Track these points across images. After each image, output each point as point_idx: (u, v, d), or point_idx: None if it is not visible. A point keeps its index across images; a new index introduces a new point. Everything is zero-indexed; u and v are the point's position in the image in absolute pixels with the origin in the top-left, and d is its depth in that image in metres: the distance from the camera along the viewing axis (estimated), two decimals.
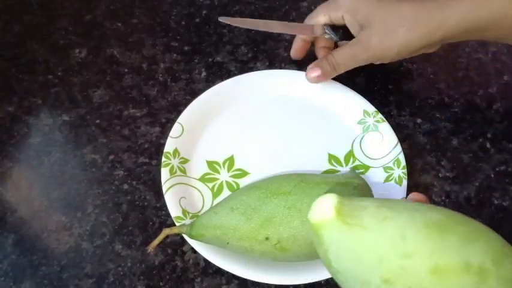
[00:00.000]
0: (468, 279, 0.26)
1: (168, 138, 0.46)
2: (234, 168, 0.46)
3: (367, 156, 0.48)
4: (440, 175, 0.48)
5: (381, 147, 0.48)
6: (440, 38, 0.43)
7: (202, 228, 0.39)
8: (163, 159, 0.45)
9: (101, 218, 0.45)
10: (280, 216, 0.37)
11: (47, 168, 0.48)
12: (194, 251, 0.43)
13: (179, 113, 0.51)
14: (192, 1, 0.61)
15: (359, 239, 0.26)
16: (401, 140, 0.49)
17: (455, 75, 0.55)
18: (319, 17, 0.49)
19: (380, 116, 0.49)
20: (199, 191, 0.45)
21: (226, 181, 0.46)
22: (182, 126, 0.47)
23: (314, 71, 0.48)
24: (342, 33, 0.49)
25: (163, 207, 0.45)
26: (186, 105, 0.52)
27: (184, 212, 0.42)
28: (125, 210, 0.45)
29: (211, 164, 0.47)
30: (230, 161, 0.47)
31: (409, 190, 0.45)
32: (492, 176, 0.48)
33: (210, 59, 0.55)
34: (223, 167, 0.46)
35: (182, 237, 0.44)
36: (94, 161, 0.48)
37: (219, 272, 0.42)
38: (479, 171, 0.49)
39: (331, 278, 0.40)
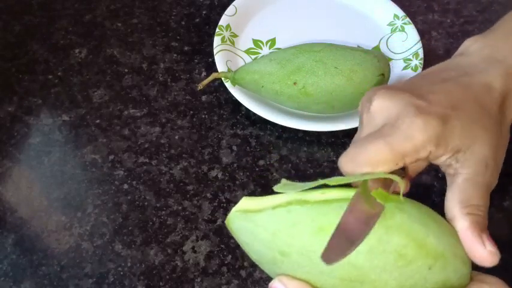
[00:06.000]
0: None
1: (223, 15, 0.56)
2: (275, 47, 0.57)
3: (390, 51, 0.56)
4: (440, 175, 0.48)
5: (403, 44, 0.56)
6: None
7: (244, 72, 0.49)
8: (217, 30, 0.55)
9: (101, 218, 0.45)
10: (308, 66, 0.46)
11: (47, 168, 0.48)
12: (194, 251, 0.43)
13: (179, 113, 0.51)
14: (192, 1, 0.61)
15: (254, 221, 0.29)
16: None
17: None
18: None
19: (408, 19, 0.57)
20: (243, 59, 0.55)
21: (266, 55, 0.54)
22: (236, 8, 0.57)
23: (493, 253, 0.30)
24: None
25: (163, 207, 0.46)
26: (186, 105, 0.52)
27: (229, 69, 0.52)
28: (125, 210, 0.45)
29: (256, 42, 0.57)
30: (272, 41, 0.57)
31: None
32: None
33: (210, 59, 0.55)
34: (266, 45, 0.57)
35: (182, 238, 0.44)
36: (94, 161, 0.48)
37: (219, 272, 0.42)
38: None
39: None
